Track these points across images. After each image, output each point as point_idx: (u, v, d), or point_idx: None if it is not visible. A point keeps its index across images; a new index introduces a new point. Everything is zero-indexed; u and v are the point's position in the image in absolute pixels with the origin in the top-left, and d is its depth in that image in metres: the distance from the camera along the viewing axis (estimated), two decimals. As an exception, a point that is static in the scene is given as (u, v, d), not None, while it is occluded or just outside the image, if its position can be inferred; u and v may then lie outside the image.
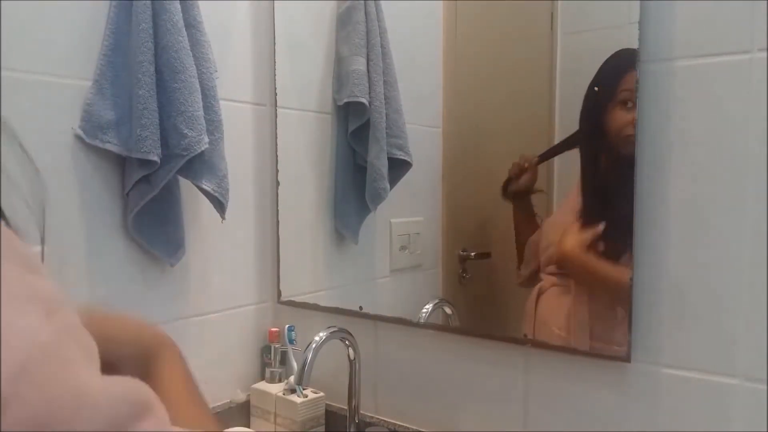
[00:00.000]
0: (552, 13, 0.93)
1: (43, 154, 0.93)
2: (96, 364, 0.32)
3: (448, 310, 1.09)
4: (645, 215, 0.84)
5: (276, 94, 1.27)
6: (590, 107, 0.89)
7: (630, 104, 0.84)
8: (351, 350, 1.07)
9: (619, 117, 0.86)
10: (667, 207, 0.82)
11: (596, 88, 0.88)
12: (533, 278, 0.98)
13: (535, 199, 0.97)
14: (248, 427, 1.22)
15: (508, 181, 0.99)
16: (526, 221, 0.99)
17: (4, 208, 0.34)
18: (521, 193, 0.98)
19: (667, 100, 0.81)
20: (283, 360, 1.24)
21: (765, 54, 0.74)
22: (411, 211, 1.17)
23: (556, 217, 0.96)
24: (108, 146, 0.97)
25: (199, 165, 1.03)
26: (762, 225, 0.76)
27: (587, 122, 0.90)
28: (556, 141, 0.94)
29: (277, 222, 1.28)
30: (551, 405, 0.94)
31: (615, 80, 0.86)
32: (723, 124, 0.78)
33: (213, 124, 1.05)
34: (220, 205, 1.08)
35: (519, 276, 1.00)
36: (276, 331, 1.25)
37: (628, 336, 0.85)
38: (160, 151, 0.98)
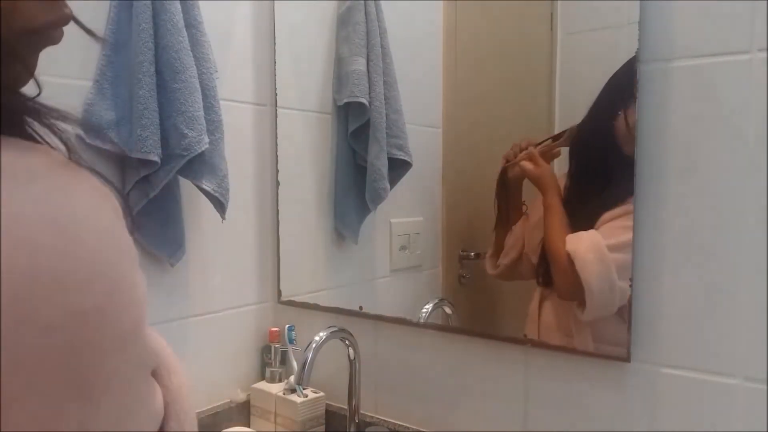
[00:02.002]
0: (552, 13, 0.93)
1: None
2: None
3: (448, 310, 1.09)
4: (645, 215, 0.84)
5: (276, 95, 1.27)
6: (603, 105, 0.88)
7: None
8: (351, 350, 1.07)
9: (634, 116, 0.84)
10: (666, 206, 0.82)
11: (604, 86, 0.87)
12: (512, 270, 0.96)
13: (525, 187, 0.97)
14: (248, 426, 1.22)
15: (504, 173, 0.97)
16: (512, 208, 0.98)
17: None
18: (517, 178, 0.96)
19: (667, 100, 0.81)
20: (283, 360, 1.24)
21: (765, 54, 0.74)
22: (411, 211, 1.17)
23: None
24: (108, 146, 0.97)
25: (199, 165, 1.03)
26: (762, 225, 0.76)
27: (599, 118, 0.89)
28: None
29: (277, 222, 1.28)
30: (551, 405, 0.94)
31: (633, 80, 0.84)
32: (723, 124, 0.78)
33: (213, 124, 1.05)
34: (220, 205, 1.08)
35: (495, 266, 0.99)
36: (276, 331, 1.25)
37: (628, 336, 0.85)
38: (160, 151, 0.98)
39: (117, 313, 0.28)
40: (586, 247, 0.86)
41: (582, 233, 0.88)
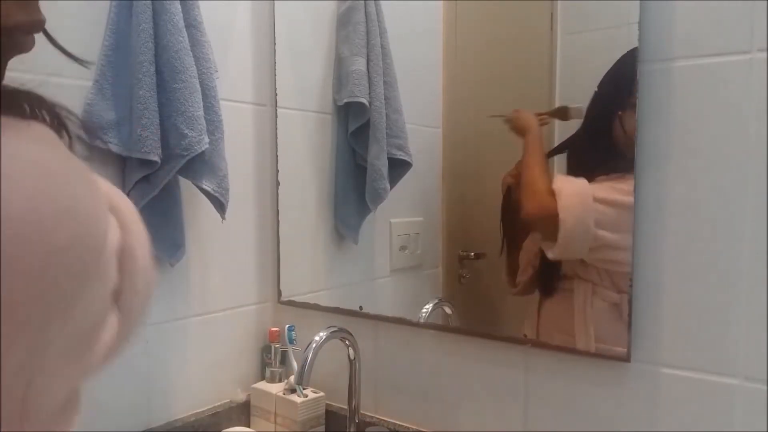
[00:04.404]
0: (552, 13, 0.93)
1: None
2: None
3: (448, 310, 1.09)
4: (645, 215, 0.84)
5: (276, 95, 1.27)
6: (598, 109, 0.88)
7: None
8: (351, 350, 1.07)
9: (630, 121, 0.84)
10: (667, 207, 0.82)
11: (596, 90, 0.87)
12: (532, 285, 0.97)
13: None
14: (248, 426, 1.22)
15: (508, 195, 0.98)
16: (520, 227, 0.98)
17: None
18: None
19: (667, 100, 0.81)
20: (283, 360, 1.24)
21: (765, 54, 0.74)
22: (411, 211, 1.17)
23: None
24: (108, 146, 0.97)
25: (199, 165, 1.03)
26: (762, 225, 0.76)
27: (595, 123, 0.89)
28: (556, 141, 0.94)
29: (277, 222, 1.28)
30: (551, 405, 0.94)
31: (629, 82, 0.84)
32: (723, 123, 0.78)
33: (213, 124, 1.05)
34: (220, 205, 1.08)
35: (515, 284, 1.00)
36: (276, 331, 1.25)
37: (628, 336, 0.85)
38: (160, 151, 0.98)
39: (91, 237, 0.31)
40: (573, 189, 0.89)
41: (572, 177, 0.90)
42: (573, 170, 0.92)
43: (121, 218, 0.35)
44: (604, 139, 0.89)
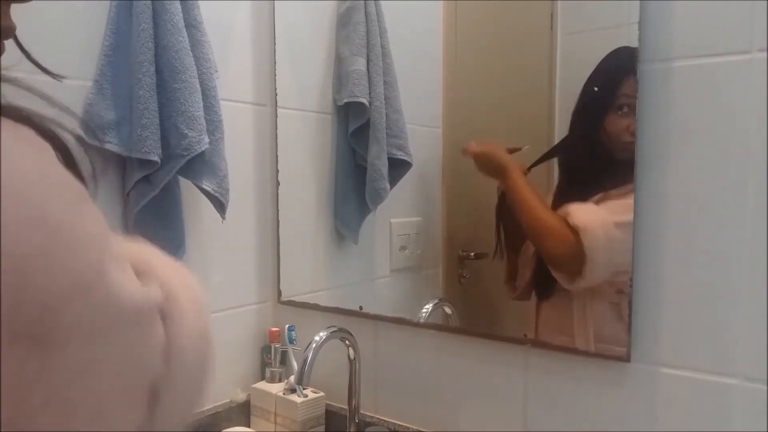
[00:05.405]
0: (552, 13, 0.93)
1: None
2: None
3: (448, 310, 1.09)
4: (645, 215, 0.84)
5: (276, 95, 1.27)
6: (586, 110, 0.89)
7: (626, 109, 0.83)
8: (351, 350, 1.07)
9: (617, 122, 0.85)
10: (666, 207, 0.82)
11: (596, 89, 0.88)
12: (530, 289, 0.97)
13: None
14: (248, 426, 1.22)
15: (503, 200, 0.98)
16: (516, 231, 0.98)
17: None
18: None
19: (667, 100, 0.81)
20: (283, 360, 1.24)
21: (765, 54, 0.74)
22: (411, 211, 1.17)
23: None
24: (108, 146, 0.97)
25: (199, 165, 1.03)
26: (762, 225, 0.76)
27: (582, 125, 0.90)
28: (556, 140, 0.94)
29: (277, 222, 1.28)
30: (551, 405, 0.94)
31: (615, 83, 0.86)
32: (723, 124, 0.78)
33: (213, 124, 1.05)
34: (220, 205, 1.08)
35: (514, 289, 1.00)
36: (276, 331, 1.25)
37: (628, 336, 0.85)
38: (160, 151, 0.98)
39: (67, 254, 0.27)
40: (595, 222, 0.87)
41: (584, 206, 0.88)
42: (567, 179, 0.92)
43: (163, 282, 0.35)
44: (596, 142, 0.89)
